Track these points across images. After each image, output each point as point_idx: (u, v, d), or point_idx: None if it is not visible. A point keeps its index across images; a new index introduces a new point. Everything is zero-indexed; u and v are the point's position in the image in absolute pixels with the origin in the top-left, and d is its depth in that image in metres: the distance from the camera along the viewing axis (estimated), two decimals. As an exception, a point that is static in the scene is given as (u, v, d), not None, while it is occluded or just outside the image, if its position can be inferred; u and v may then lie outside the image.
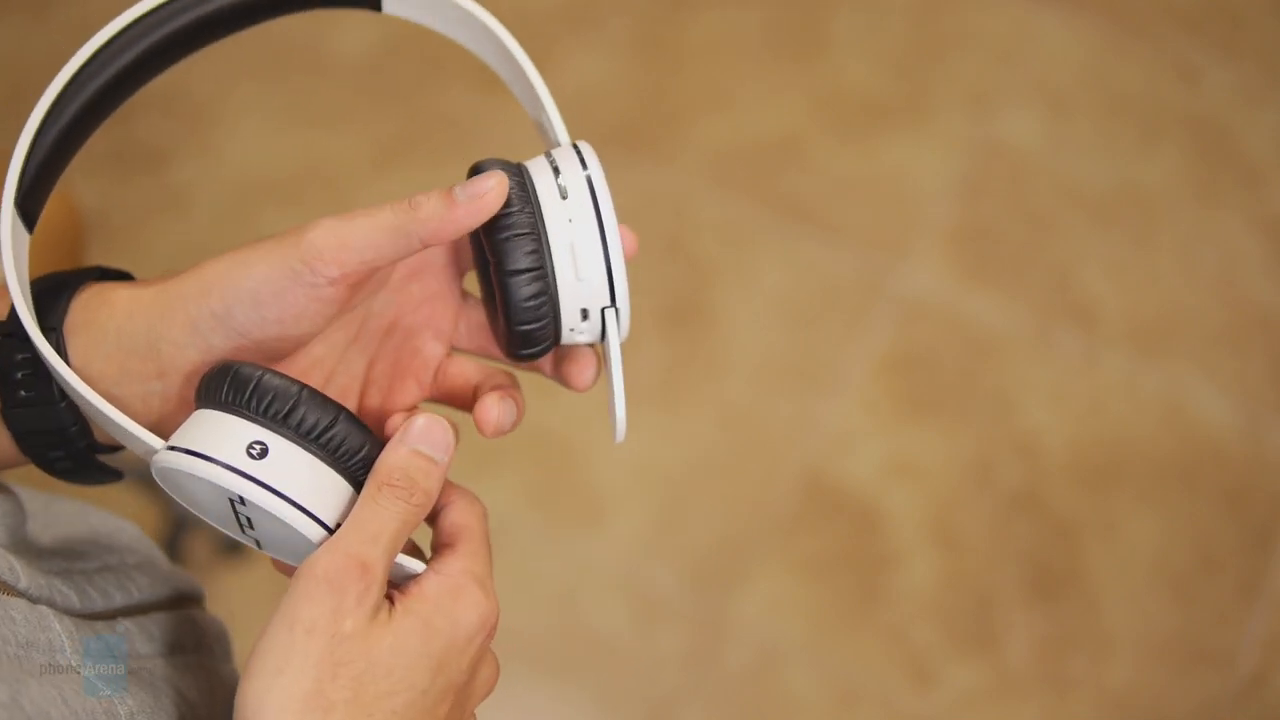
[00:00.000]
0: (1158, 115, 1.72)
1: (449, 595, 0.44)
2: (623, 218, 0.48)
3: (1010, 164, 1.68)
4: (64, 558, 0.52)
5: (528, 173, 0.49)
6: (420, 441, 0.45)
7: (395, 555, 0.44)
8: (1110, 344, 1.57)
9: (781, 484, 1.48)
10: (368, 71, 1.74)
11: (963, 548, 1.46)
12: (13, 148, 0.55)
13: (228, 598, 1.41)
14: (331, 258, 0.46)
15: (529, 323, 0.47)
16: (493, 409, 0.51)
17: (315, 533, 0.44)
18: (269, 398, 0.44)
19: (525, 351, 0.49)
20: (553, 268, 0.47)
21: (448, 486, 0.48)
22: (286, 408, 0.44)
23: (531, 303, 0.47)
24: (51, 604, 0.46)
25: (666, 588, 1.43)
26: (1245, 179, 1.67)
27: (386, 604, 0.43)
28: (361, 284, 0.48)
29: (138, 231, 1.63)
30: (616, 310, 0.48)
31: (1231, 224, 1.64)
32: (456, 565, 0.45)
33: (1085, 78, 1.75)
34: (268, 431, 0.44)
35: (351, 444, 0.44)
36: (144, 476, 1.41)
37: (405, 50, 1.76)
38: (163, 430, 0.48)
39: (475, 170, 0.48)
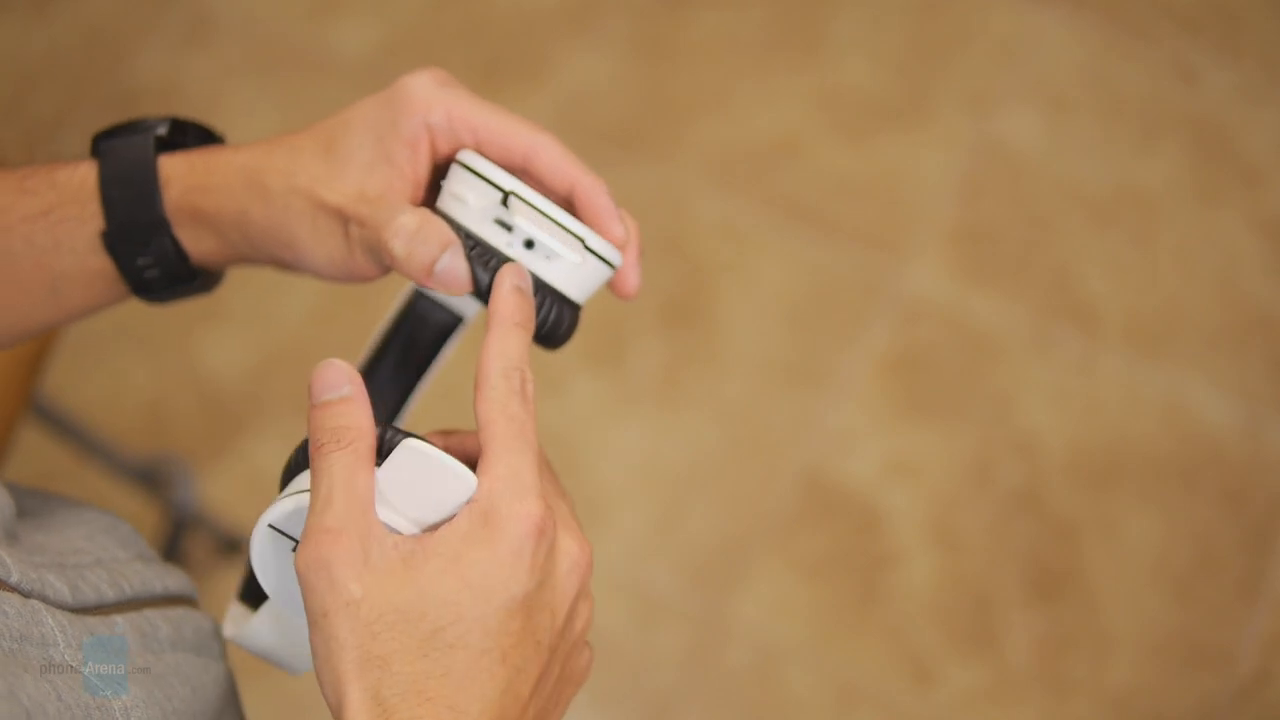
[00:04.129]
0: (1158, 115, 1.71)
1: (479, 524, 0.43)
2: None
3: (1010, 164, 1.68)
4: (57, 552, 0.52)
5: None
6: (320, 394, 0.45)
7: (358, 496, 0.43)
8: (1110, 344, 1.57)
9: (781, 484, 1.48)
10: (368, 71, 1.74)
11: (962, 548, 1.46)
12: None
13: (228, 597, 1.41)
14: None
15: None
16: (632, 275, 0.55)
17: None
18: None
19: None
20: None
21: (478, 376, 0.46)
22: None
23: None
24: (44, 598, 0.46)
25: (666, 587, 1.43)
26: (1245, 179, 1.67)
27: (411, 545, 0.43)
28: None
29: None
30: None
31: (1231, 224, 1.64)
32: (481, 486, 0.43)
33: (1085, 78, 1.75)
34: None
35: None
36: (145, 477, 1.41)
37: (405, 50, 1.76)
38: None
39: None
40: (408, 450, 0.44)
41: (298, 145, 0.52)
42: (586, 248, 0.50)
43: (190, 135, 0.55)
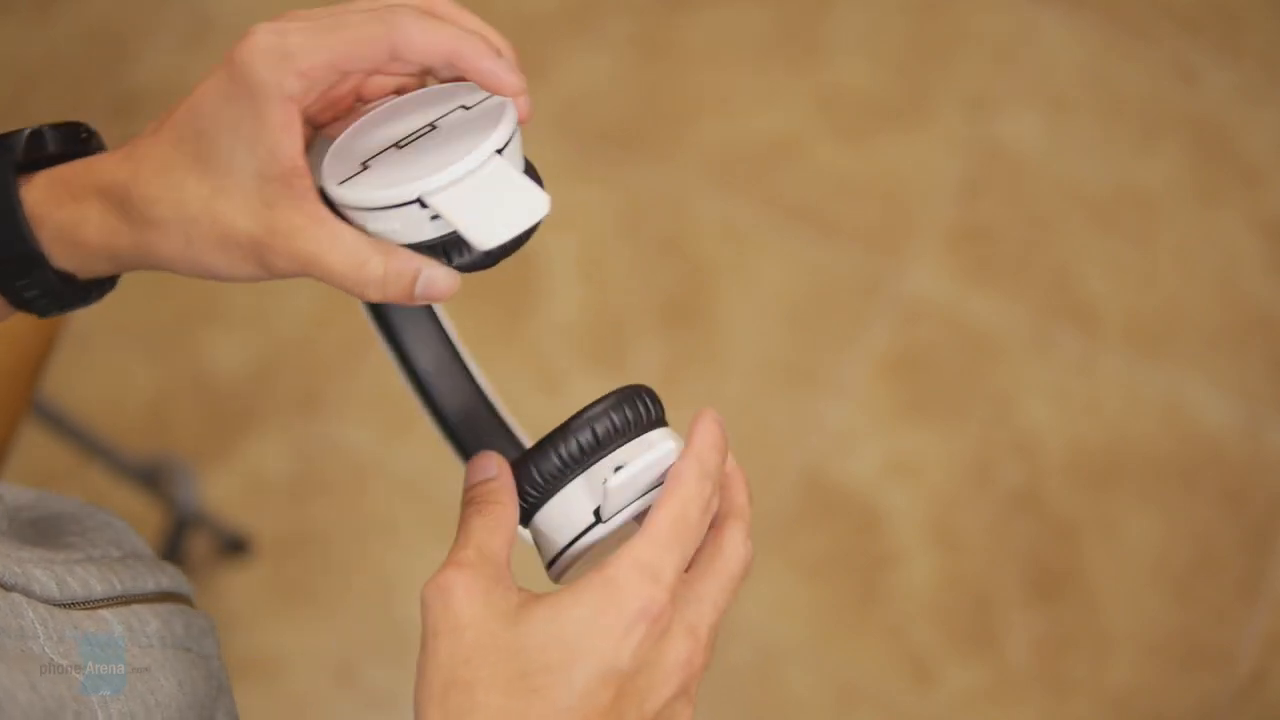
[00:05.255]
0: (1158, 115, 1.72)
1: (598, 586, 0.44)
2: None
3: (1010, 164, 1.68)
4: (47, 548, 0.52)
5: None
6: (473, 478, 0.49)
7: (491, 551, 0.46)
8: (1110, 344, 1.57)
9: (781, 484, 1.48)
10: (368, 72, 1.74)
11: (962, 548, 1.46)
12: None
13: (229, 597, 1.41)
14: (289, 247, 0.47)
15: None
16: (526, 107, 0.50)
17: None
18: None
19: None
20: None
21: (683, 458, 0.48)
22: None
23: None
24: (27, 592, 0.47)
25: (666, 587, 1.43)
26: (1245, 179, 1.67)
27: (526, 594, 0.45)
28: None
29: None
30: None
31: (1231, 224, 1.64)
32: (619, 555, 0.45)
33: (1085, 78, 1.75)
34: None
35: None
36: (146, 477, 1.41)
37: (405, 50, 1.76)
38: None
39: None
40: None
41: (163, 160, 0.47)
42: (497, 152, 0.47)
43: (50, 142, 0.50)
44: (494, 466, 0.49)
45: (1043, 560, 1.45)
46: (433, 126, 0.48)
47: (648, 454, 0.49)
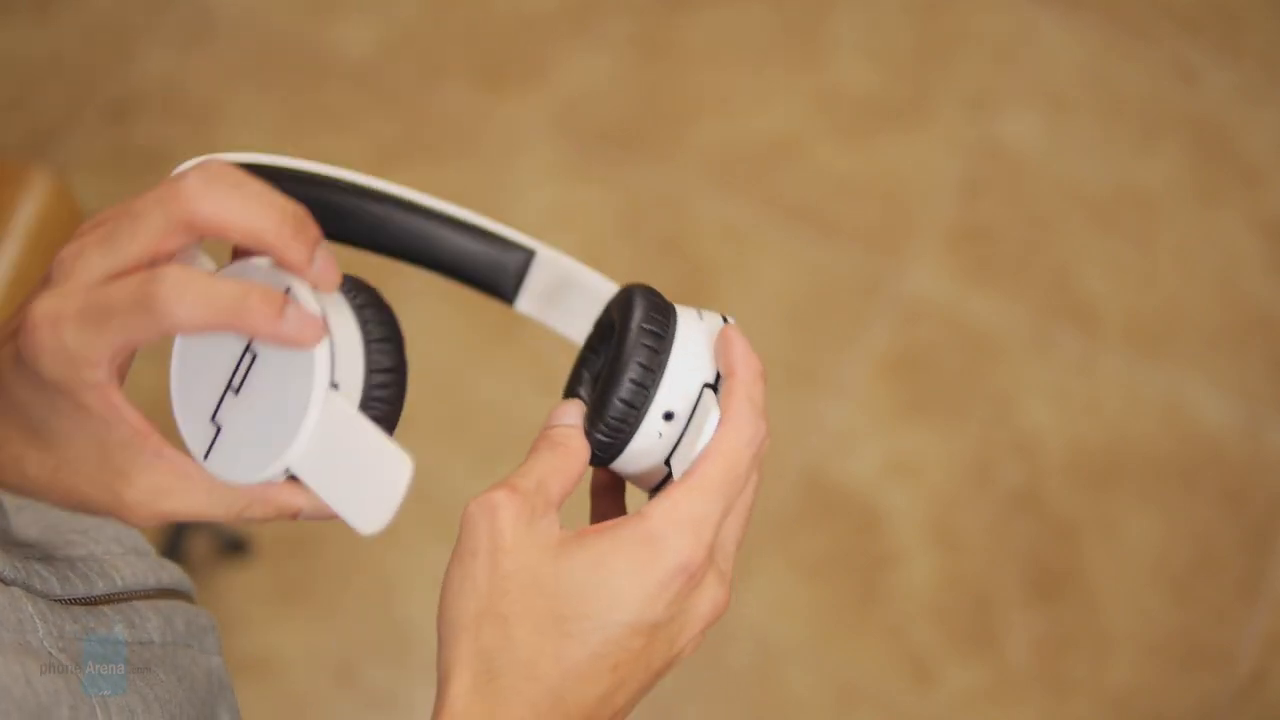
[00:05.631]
0: (1158, 115, 1.72)
1: (640, 540, 0.44)
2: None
3: (1010, 164, 1.68)
4: (48, 545, 0.53)
5: None
6: (554, 420, 0.49)
7: (551, 487, 0.46)
8: (1110, 344, 1.57)
9: (781, 484, 1.48)
10: (368, 72, 1.74)
11: (962, 548, 1.46)
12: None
13: (229, 597, 1.41)
14: (147, 514, 0.44)
15: None
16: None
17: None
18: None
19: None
20: None
21: (727, 405, 0.47)
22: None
23: None
24: (28, 587, 0.47)
25: (667, 587, 1.43)
26: (1245, 179, 1.67)
27: (567, 532, 0.45)
28: None
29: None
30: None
31: (1231, 224, 1.64)
32: (664, 505, 0.45)
33: (1085, 78, 1.75)
34: None
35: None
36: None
37: (405, 50, 1.76)
38: None
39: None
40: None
41: None
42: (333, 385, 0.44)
43: None
44: (576, 415, 0.49)
45: (1043, 560, 1.45)
46: (253, 354, 0.44)
47: (699, 439, 0.47)
